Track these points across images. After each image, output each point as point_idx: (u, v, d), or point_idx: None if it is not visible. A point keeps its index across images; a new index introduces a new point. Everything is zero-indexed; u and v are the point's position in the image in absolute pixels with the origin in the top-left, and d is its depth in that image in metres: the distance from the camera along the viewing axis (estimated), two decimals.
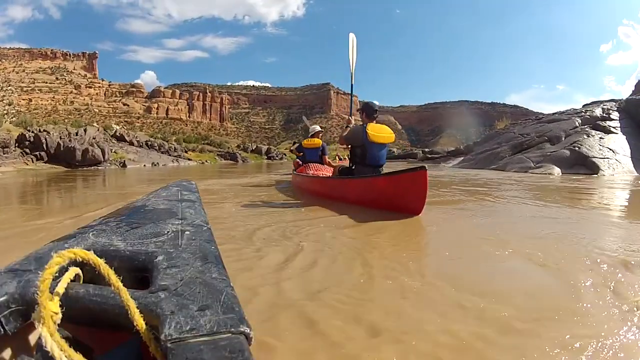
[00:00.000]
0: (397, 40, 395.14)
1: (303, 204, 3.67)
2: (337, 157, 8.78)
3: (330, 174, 4.49)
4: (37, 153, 15.53)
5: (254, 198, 4.34)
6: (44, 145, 15.62)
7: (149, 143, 25.18)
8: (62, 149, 14.76)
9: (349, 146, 3.68)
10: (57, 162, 15.37)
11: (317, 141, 5.97)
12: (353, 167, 3.62)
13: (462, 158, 16.39)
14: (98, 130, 22.48)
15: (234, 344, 0.41)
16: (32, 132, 16.39)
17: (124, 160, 16.65)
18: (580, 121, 12.74)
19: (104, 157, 15.41)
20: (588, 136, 11.33)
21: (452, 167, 14.24)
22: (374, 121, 3.53)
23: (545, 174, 9.48)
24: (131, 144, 23.32)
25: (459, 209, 3.47)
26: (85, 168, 14.79)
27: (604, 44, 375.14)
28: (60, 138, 16.11)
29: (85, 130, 17.69)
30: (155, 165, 19.32)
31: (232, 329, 0.43)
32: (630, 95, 16.57)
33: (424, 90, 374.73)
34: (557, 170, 9.75)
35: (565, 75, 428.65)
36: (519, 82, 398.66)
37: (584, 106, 15.98)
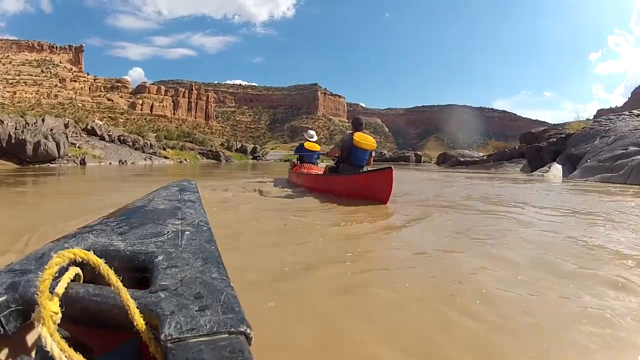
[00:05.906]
0: (386, 43, 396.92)
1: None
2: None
3: (320, 172, 5.51)
4: None
5: None
6: None
7: (122, 138, 23.99)
8: (13, 141, 13.54)
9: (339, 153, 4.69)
10: (8, 157, 14.21)
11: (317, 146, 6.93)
12: (339, 166, 4.58)
13: (560, 165, 10.28)
14: (68, 122, 21.23)
15: (234, 344, 0.41)
16: None
17: (84, 157, 15.45)
18: None
19: (59, 152, 14.15)
20: None
21: (575, 180, 8.29)
22: (361, 132, 4.49)
23: None
24: (102, 138, 22.14)
25: None
26: (37, 165, 13.62)
27: (593, 53, 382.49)
28: (16, 129, 14.94)
29: (43, 120, 16.35)
30: (122, 163, 18.19)
31: (232, 329, 0.43)
32: (624, 105, 15.37)
33: (411, 94, 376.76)
34: None
35: (552, 82, 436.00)
36: (506, 87, 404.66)
37: None
